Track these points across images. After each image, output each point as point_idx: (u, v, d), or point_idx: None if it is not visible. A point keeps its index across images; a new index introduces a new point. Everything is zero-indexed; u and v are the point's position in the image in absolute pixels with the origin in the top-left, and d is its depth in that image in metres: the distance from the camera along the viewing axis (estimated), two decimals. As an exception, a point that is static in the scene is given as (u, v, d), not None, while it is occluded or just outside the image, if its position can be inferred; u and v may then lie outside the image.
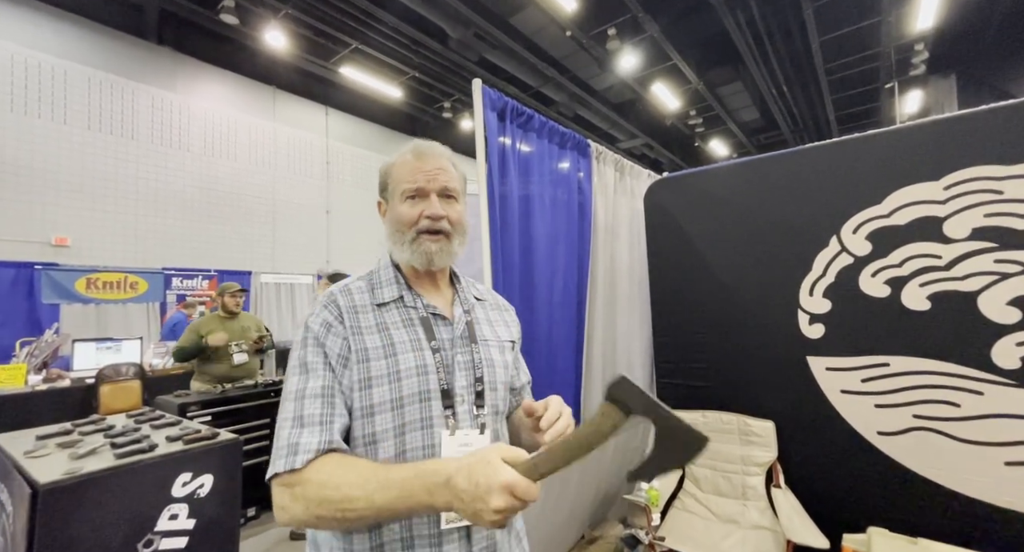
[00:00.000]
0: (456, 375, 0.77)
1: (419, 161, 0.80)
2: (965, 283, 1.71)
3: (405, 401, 0.72)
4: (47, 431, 2.00)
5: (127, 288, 5.85)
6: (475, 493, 0.54)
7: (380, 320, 0.76)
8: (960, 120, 1.77)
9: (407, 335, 0.76)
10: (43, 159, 5.89)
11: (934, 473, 1.76)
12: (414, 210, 0.78)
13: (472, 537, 0.72)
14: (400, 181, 0.80)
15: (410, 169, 0.80)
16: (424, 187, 0.78)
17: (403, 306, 0.80)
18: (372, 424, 0.71)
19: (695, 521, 2.16)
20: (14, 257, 5.41)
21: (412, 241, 0.78)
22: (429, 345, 0.76)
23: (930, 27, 6.31)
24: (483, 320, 0.88)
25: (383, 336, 0.75)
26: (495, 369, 0.82)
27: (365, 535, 0.69)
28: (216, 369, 3.37)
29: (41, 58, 5.95)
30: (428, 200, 0.79)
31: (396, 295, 0.80)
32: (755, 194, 2.22)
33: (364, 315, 0.76)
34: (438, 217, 0.78)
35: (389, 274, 0.83)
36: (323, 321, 0.74)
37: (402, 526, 0.69)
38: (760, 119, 10.23)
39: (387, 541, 0.69)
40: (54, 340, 4.72)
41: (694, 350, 2.40)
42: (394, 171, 0.82)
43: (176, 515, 1.71)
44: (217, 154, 7.60)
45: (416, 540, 0.69)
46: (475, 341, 0.82)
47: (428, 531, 0.70)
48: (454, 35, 6.70)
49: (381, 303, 0.78)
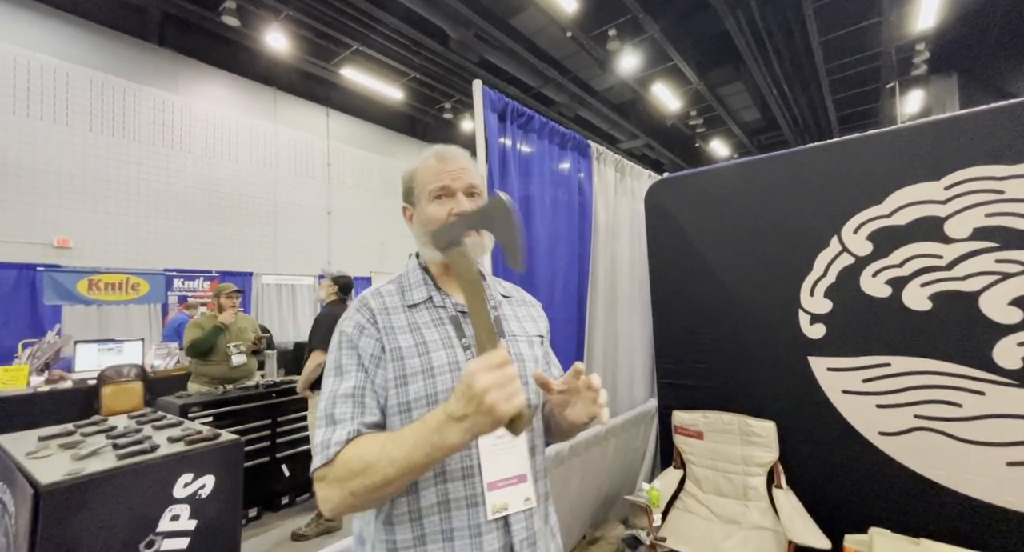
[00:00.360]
0: None
1: (442, 163, 0.84)
2: (966, 283, 1.70)
3: (440, 396, 0.74)
4: (49, 432, 2.00)
5: (129, 289, 5.87)
6: (464, 397, 0.57)
7: (411, 320, 0.79)
8: (961, 120, 1.77)
9: (438, 334, 0.79)
10: (45, 161, 5.91)
11: (936, 473, 1.76)
12: (442, 209, 0.81)
13: (512, 528, 0.74)
14: (426, 183, 0.83)
15: (435, 172, 0.83)
16: (450, 186, 0.82)
17: (432, 306, 0.82)
18: (410, 418, 0.73)
19: (696, 521, 2.16)
20: (16, 259, 5.42)
21: None
22: (460, 343, 0.79)
23: (931, 27, 6.30)
24: (510, 316, 0.90)
25: (415, 335, 0.78)
26: (525, 363, 0.84)
27: (407, 526, 0.71)
28: (214, 370, 3.38)
29: (43, 60, 5.97)
30: (455, 198, 0.82)
31: (425, 296, 0.83)
32: (756, 194, 2.22)
33: (396, 316, 0.79)
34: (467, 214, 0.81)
35: (418, 276, 0.86)
36: (356, 324, 0.78)
37: (442, 519, 0.71)
38: (761, 119, 10.22)
39: (428, 533, 0.71)
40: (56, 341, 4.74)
41: (695, 350, 2.40)
42: (418, 175, 0.85)
43: (178, 516, 1.72)
44: (218, 155, 7.61)
45: (456, 532, 0.71)
46: (504, 336, 0.84)
47: (468, 522, 0.71)
48: (455, 36, 6.71)
49: (411, 304, 0.82)
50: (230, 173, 7.72)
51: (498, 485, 0.74)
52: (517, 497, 0.76)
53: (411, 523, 0.71)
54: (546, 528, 0.83)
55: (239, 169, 7.85)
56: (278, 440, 3.27)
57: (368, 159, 9.80)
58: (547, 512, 0.85)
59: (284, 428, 3.31)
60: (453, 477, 0.72)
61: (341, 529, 2.92)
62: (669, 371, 2.51)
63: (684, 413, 2.36)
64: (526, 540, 0.75)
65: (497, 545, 0.72)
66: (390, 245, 9.96)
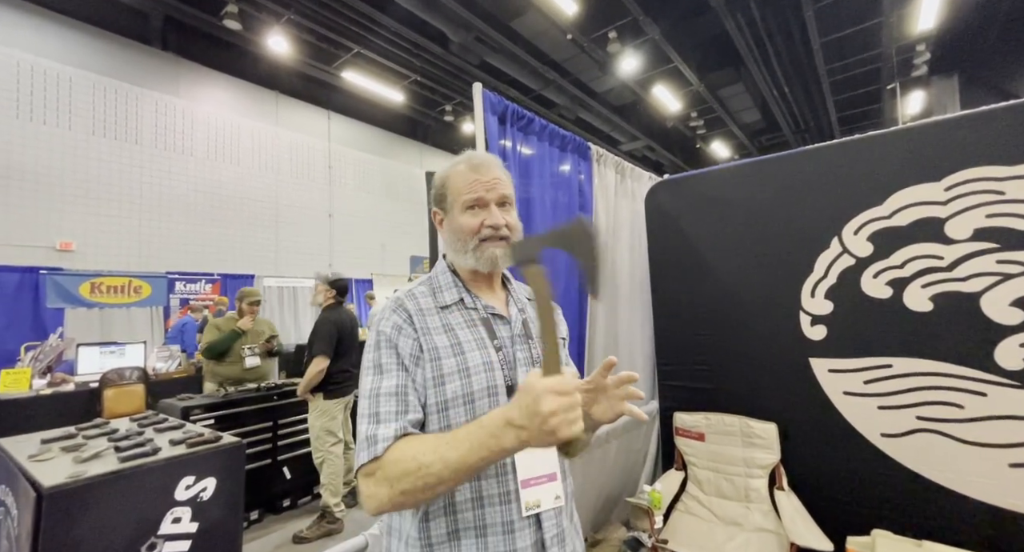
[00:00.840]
0: (518, 371, 0.81)
1: (476, 173, 0.84)
2: (967, 284, 1.70)
3: (476, 396, 0.76)
4: (51, 435, 2.01)
5: (131, 292, 5.89)
6: (528, 412, 0.57)
7: (445, 321, 0.81)
8: (961, 121, 1.77)
9: (471, 334, 0.81)
10: (48, 164, 5.94)
11: (938, 475, 1.75)
12: (475, 220, 0.83)
13: (543, 525, 0.76)
14: (459, 192, 0.84)
15: (469, 181, 0.84)
16: (484, 197, 0.83)
17: (464, 308, 0.84)
18: (447, 418, 0.75)
19: (698, 523, 2.15)
20: (19, 262, 5.45)
21: (475, 248, 0.83)
22: (492, 343, 0.81)
23: (932, 28, 6.30)
24: (535, 318, 0.92)
25: (450, 336, 0.79)
26: None
27: (442, 521, 0.73)
28: (229, 371, 3.41)
29: (47, 65, 6.01)
30: (488, 210, 0.83)
31: (457, 298, 0.85)
32: (756, 196, 2.22)
33: (430, 317, 0.81)
34: (499, 225, 0.83)
35: (448, 279, 0.87)
36: (394, 324, 0.79)
37: (476, 515, 0.73)
38: (762, 121, 10.23)
39: (462, 528, 0.72)
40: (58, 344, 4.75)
41: (695, 352, 2.40)
42: (451, 182, 0.86)
43: (179, 518, 1.72)
44: (220, 158, 7.65)
45: (488, 528, 0.72)
46: (531, 338, 0.86)
47: (501, 518, 0.73)
48: (455, 39, 6.74)
49: (444, 306, 0.83)
50: (232, 176, 7.75)
51: (530, 483, 0.76)
52: (549, 495, 0.78)
53: (446, 518, 0.73)
54: (571, 526, 0.84)
55: (241, 172, 7.88)
56: (279, 443, 3.27)
57: (369, 161, 9.83)
58: (572, 510, 0.87)
59: (285, 431, 3.31)
60: (487, 474, 0.74)
61: (342, 532, 2.92)
62: (670, 372, 2.51)
63: (685, 414, 2.36)
64: (556, 537, 0.77)
65: (529, 541, 0.74)
66: (391, 247, 9.98)
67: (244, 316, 3.50)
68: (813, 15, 6.14)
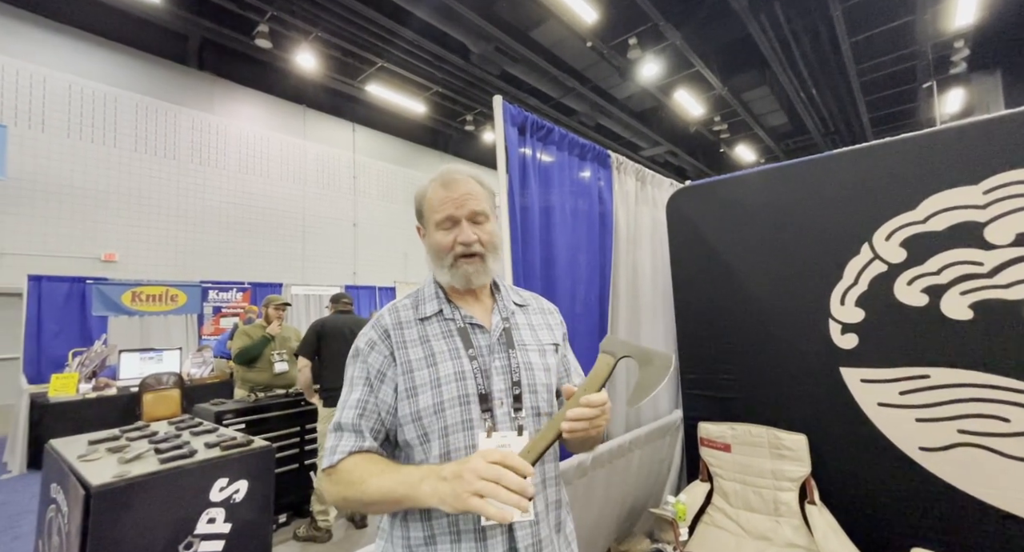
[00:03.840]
0: (493, 379, 0.82)
1: (446, 190, 0.85)
2: (1010, 291, 1.62)
3: (446, 405, 0.78)
4: (98, 436, 2.12)
5: (168, 300, 6.16)
6: (457, 469, 0.63)
7: (423, 333, 0.84)
8: (1001, 121, 1.70)
9: (446, 345, 0.83)
10: (95, 180, 6.32)
11: (983, 492, 1.66)
12: (448, 237, 0.85)
13: (515, 534, 0.77)
14: (432, 211, 0.86)
15: (440, 199, 0.85)
16: (454, 214, 0.84)
17: (443, 319, 0.86)
18: (421, 426, 0.79)
19: (725, 537, 2.09)
20: (68, 272, 5.79)
21: (451, 266, 0.85)
22: (467, 353, 0.83)
23: (970, 23, 6.05)
24: (523, 325, 0.92)
25: (424, 348, 0.82)
26: (534, 372, 0.86)
27: (419, 524, 0.77)
28: (258, 377, 3.51)
29: (94, 87, 6.42)
30: (460, 226, 0.84)
31: (436, 309, 0.87)
32: (782, 201, 2.18)
33: (408, 330, 0.84)
34: (470, 242, 0.84)
35: (431, 291, 0.90)
36: (368, 340, 0.84)
37: (450, 521, 0.76)
38: (788, 124, 9.99)
39: (438, 533, 0.76)
40: (102, 350, 5.01)
41: (720, 361, 2.35)
42: (426, 202, 0.88)
43: (214, 519, 1.79)
44: (251, 171, 7.96)
45: (463, 534, 0.75)
46: (512, 346, 0.86)
47: (474, 526, 0.75)
48: (476, 50, 6.85)
49: (423, 318, 0.86)
50: (262, 188, 8.06)
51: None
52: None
53: (423, 522, 0.77)
54: (558, 536, 0.84)
55: (270, 184, 8.18)
56: (306, 447, 3.35)
57: (392, 172, 10.06)
58: (560, 520, 0.86)
59: (312, 435, 3.39)
60: None
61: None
62: (694, 381, 2.46)
63: (710, 424, 2.31)
64: (531, 546, 0.77)
65: (501, 549, 0.75)
66: (414, 256, 10.15)
67: (271, 321, 3.59)
68: (841, 14, 5.99)
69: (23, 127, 5.81)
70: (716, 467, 2.27)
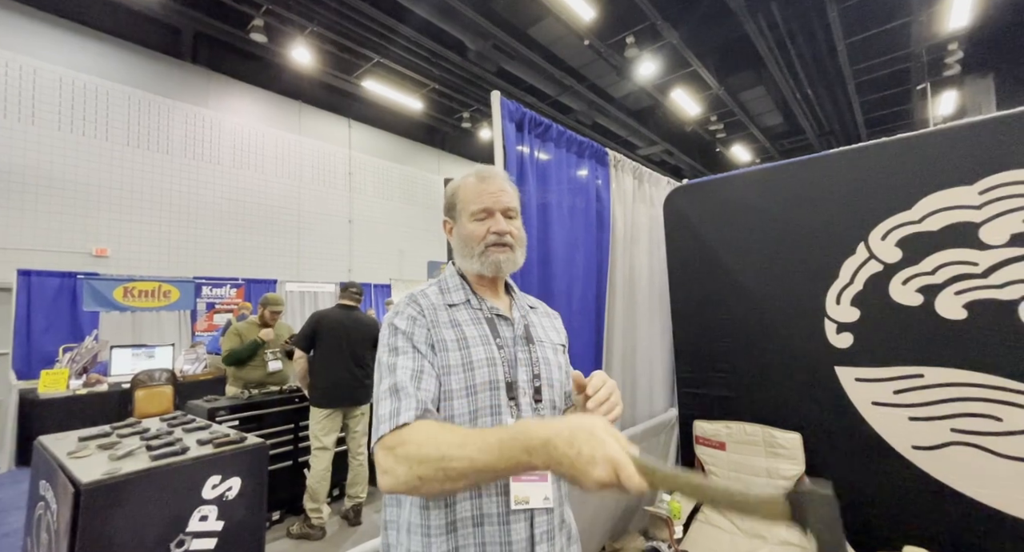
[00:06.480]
0: (518, 370, 0.85)
1: (483, 184, 0.90)
2: (1004, 291, 1.63)
3: (478, 388, 0.80)
4: (88, 433, 2.10)
5: (160, 296, 6.10)
6: (576, 461, 0.54)
7: (452, 318, 0.86)
8: (997, 123, 1.71)
9: (476, 331, 0.85)
10: (87, 174, 6.23)
11: (976, 491, 1.67)
12: (482, 227, 0.89)
13: (535, 520, 0.79)
14: (468, 202, 0.90)
15: (476, 192, 0.90)
16: (490, 207, 0.89)
17: (470, 307, 0.89)
18: (451, 407, 0.79)
19: (719, 535, 2.10)
20: (59, 267, 5.71)
21: (481, 253, 0.88)
22: (495, 341, 0.85)
23: (964, 26, 6.09)
24: (537, 324, 0.96)
25: (456, 331, 0.84)
26: (551, 368, 0.90)
27: (441, 511, 0.76)
28: (251, 375, 3.48)
29: (86, 79, 6.32)
30: (494, 218, 0.89)
31: (464, 298, 0.90)
32: (778, 200, 2.18)
33: (440, 313, 0.86)
34: (504, 232, 0.88)
35: (456, 281, 0.93)
36: (408, 316, 0.84)
37: (473, 505, 0.76)
38: (784, 124, 10.03)
39: (460, 518, 0.76)
40: (93, 346, 4.96)
41: (716, 359, 2.35)
42: (460, 193, 0.92)
43: (206, 516, 1.77)
44: (245, 167, 7.88)
45: (486, 518, 0.76)
46: (532, 341, 0.90)
47: (497, 510, 0.76)
48: (473, 47, 6.82)
49: (451, 304, 0.89)
50: (256, 183, 7.98)
51: (521, 478, 0.78)
52: (538, 494, 0.79)
53: (445, 509, 0.76)
54: (562, 529, 0.85)
55: (265, 180, 8.11)
56: (300, 444, 3.33)
57: (388, 168, 10.00)
58: (564, 515, 0.88)
59: (306, 432, 3.37)
60: None
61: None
62: (689, 380, 2.47)
63: (705, 423, 2.32)
64: (545, 533, 0.80)
65: (524, 535, 0.77)
66: (409, 252, 10.10)
67: (266, 325, 3.54)
68: (837, 16, 6.01)
69: (12, 119, 5.72)
70: (711, 465, 2.28)
